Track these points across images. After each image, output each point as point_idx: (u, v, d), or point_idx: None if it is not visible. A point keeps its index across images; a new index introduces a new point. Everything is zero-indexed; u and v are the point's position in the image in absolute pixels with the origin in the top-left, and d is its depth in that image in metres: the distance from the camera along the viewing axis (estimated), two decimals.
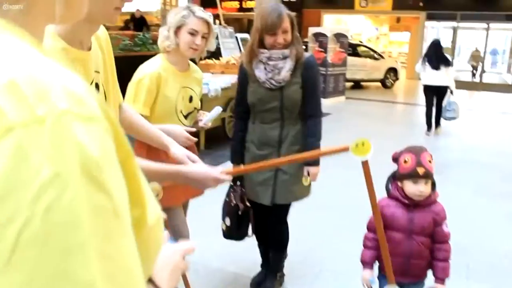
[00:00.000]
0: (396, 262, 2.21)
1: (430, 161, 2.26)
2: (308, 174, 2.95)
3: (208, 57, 8.02)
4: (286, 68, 2.77)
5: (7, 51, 0.47)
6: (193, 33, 2.58)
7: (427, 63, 8.58)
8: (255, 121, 2.95)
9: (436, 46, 8.80)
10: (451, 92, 8.62)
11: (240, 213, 2.99)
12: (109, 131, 0.50)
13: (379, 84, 17.68)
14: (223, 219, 3.07)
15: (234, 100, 3.17)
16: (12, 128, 0.42)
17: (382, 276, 2.44)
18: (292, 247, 3.30)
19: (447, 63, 8.50)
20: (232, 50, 10.31)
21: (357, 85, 17.33)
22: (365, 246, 2.45)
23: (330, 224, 4.43)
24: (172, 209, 2.61)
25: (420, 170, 2.21)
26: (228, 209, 3.02)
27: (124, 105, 1.97)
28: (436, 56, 8.55)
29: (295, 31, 2.82)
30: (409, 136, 8.66)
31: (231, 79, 6.99)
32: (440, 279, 2.36)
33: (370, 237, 2.41)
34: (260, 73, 2.81)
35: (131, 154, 0.56)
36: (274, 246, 3.24)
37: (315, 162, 2.93)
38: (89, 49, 1.43)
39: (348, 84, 15.54)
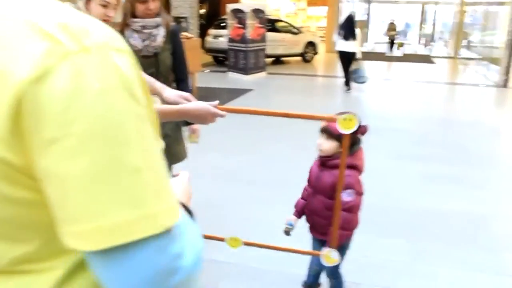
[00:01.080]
0: (307, 213, 2.46)
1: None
2: (193, 132, 3.20)
3: None
4: (160, 35, 2.96)
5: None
6: (105, 5, 2.53)
7: (339, 34, 10.49)
8: None
9: (348, 20, 10.60)
10: (356, 59, 10.49)
11: None
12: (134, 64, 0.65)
13: (299, 58, 17.97)
14: None
15: None
16: (68, 53, 0.57)
17: (310, 232, 2.58)
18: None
19: (354, 36, 10.30)
20: None
21: (277, 60, 17.51)
22: (301, 196, 2.62)
23: (255, 197, 4.53)
24: None
25: (324, 124, 2.31)
26: None
27: None
28: (347, 29, 10.37)
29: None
30: (328, 107, 8.96)
31: None
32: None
33: (305, 187, 2.61)
34: (135, 41, 2.93)
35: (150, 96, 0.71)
36: None
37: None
38: None
39: (269, 60, 15.67)
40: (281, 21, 18.19)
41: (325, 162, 2.37)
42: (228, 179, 4.96)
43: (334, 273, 2.70)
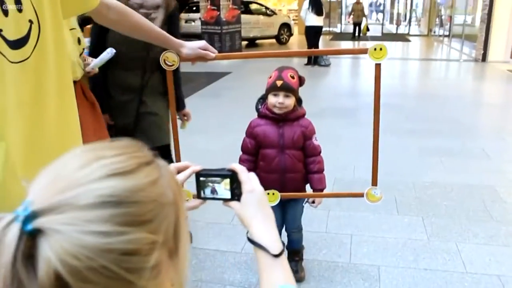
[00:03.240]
0: (272, 178, 2.32)
1: (292, 77, 2.33)
2: (185, 117, 3.11)
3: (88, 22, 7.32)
4: (159, 19, 2.63)
5: None
6: None
7: (310, 10, 10.94)
8: (116, 68, 2.80)
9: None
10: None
11: None
12: None
13: (273, 40, 17.65)
14: None
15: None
16: None
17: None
18: None
19: (321, 11, 11.13)
20: None
21: (252, 43, 17.15)
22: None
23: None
24: None
25: (279, 83, 2.30)
26: None
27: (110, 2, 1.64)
28: (315, 4, 10.99)
29: None
30: (308, 87, 8.68)
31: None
32: (317, 190, 2.47)
33: (244, 159, 2.50)
34: None
35: None
36: None
37: (183, 106, 3.10)
38: None
39: (243, 43, 15.32)
40: (255, 2, 17.79)
41: (286, 116, 2.36)
42: (214, 161, 4.63)
43: (299, 225, 2.70)
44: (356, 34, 19.89)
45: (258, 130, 2.42)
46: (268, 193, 2.21)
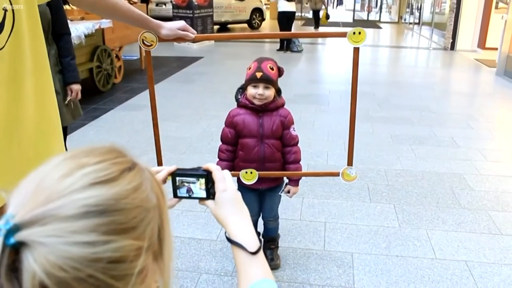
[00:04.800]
0: (251, 168, 2.30)
1: (272, 68, 2.34)
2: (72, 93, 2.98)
3: (64, 2, 7.12)
4: None
5: None
6: None
7: None
8: None
9: None
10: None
11: None
12: None
13: (245, 25, 17.53)
14: None
15: None
16: None
17: (241, 187, 2.45)
18: None
19: None
20: None
21: (223, 27, 17.00)
22: (220, 158, 2.50)
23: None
24: None
25: (258, 74, 2.29)
26: None
27: None
28: None
29: None
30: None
31: (94, 25, 6.29)
32: (292, 180, 2.53)
33: (224, 149, 2.49)
34: None
35: None
36: None
37: (73, 79, 2.98)
38: None
39: (215, 27, 15.16)
40: None
41: (265, 107, 2.38)
42: (187, 150, 4.61)
43: (276, 214, 2.73)
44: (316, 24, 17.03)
45: (238, 119, 2.42)
46: (246, 172, 2.26)
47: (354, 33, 1.94)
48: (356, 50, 1.97)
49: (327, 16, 17.11)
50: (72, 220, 0.51)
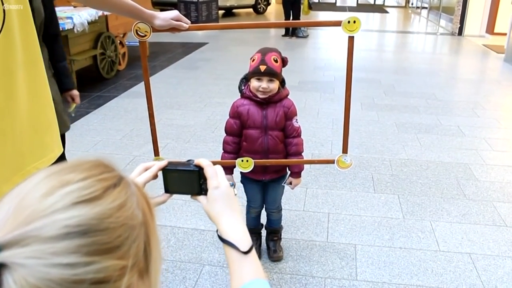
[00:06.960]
0: (255, 159, 2.28)
1: (276, 60, 2.30)
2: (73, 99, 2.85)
3: None
4: None
5: None
6: None
7: None
8: None
9: None
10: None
11: None
12: None
13: (251, 10, 17.38)
14: None
15: None
16: None
17: (245, 178, 2.53)
18: None
19: None
20: None
21: (228, 12, 16.86)
22: (225, 150, 2.49)
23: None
24: None
25: (262, 68, 2.26)
26: None
27: None
28: None
29: None
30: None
31: (97, 12, 6.23)
32: (294, 172, 2.51)
33: (230, 141, 2.46)
34: None
35: None
36: None
37: (72, 85, 2.85)
38: None
39: (220, 12, 15.04)
40: None
41: (269, 99, 2.36)
42: (192, 138, 4.60)
43: (279, 206, 2.72)
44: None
45: (242, 110, 2.40)
46: (242, 160, 2.26)
47: (349, 21, 1.90)
48: (351, 39, 1.93)
49: (309, 6, 12.65)
50: (53, 241, 0.49)
